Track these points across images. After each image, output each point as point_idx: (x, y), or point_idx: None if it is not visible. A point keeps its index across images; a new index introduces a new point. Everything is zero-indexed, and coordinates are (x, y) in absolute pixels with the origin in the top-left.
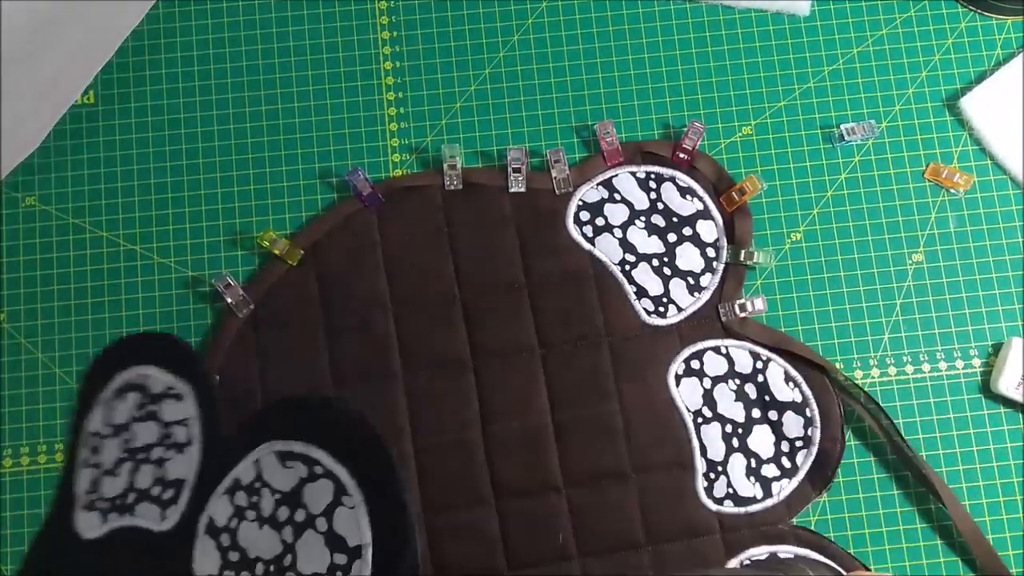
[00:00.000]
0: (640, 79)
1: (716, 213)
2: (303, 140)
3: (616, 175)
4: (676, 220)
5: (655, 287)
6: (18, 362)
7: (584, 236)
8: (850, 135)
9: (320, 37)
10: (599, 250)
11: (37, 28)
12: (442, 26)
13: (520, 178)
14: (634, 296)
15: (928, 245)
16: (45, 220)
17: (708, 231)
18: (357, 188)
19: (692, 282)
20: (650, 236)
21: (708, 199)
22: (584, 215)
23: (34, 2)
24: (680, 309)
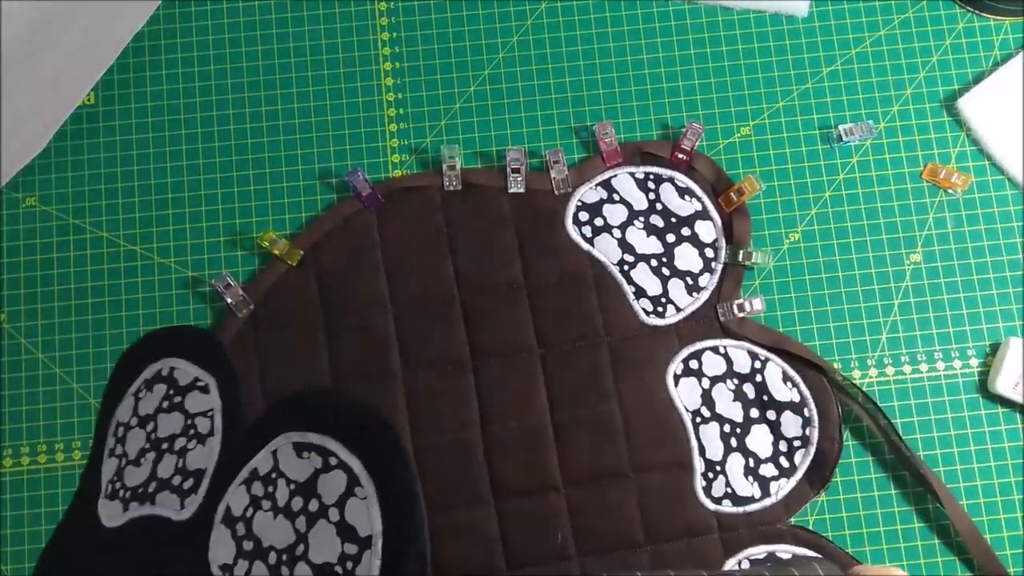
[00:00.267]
0: (639, 80)
1: (715, 213)
2: (303, 141)
3: (615, 176)
4: (675, 220)
5: (654, 287)
6: (18, 362)
7: (583, 236)
8: (848, 136)
9: (320, 38)
10: (598, 250)
11: (37, 29)
12: (442, 27)
13: (519, 179)
14: (633, 296)
15: (926, 245)
16: (45, 220)
17: (707, 231)
18: (357, 189)
19: (691, 282)
20: (649, 236)
21: (707, 199)
22: (583, 215)
23: (35, 2)
24: (679, 309)
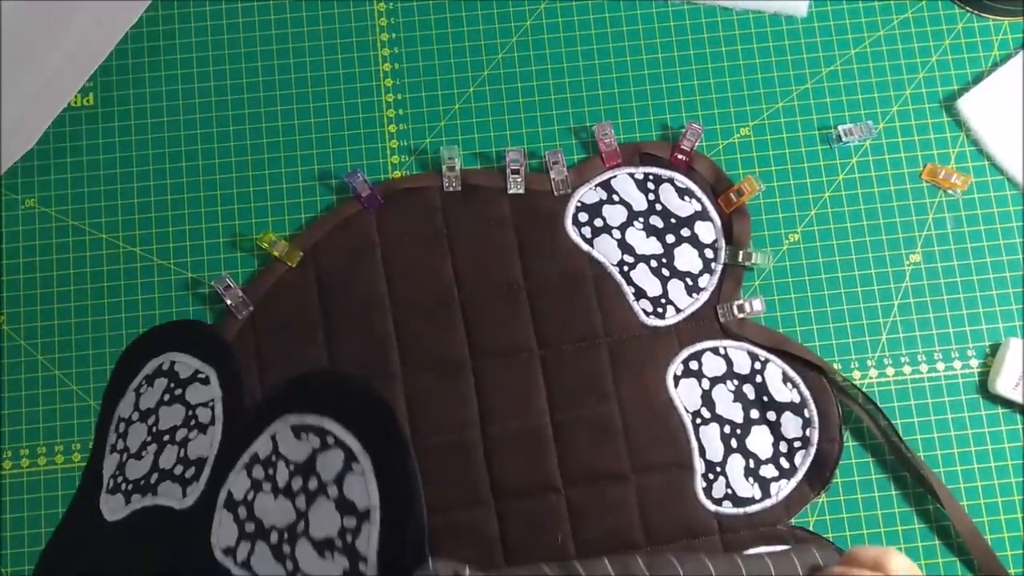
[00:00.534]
0: (638, 80)
1: (714, 214)
2: (302, 142)
3: (614, 176)
4: (674, 221)
5: (654, 288)
6: (18, 364)
7: (583, 237)
8: (848, 136)
9: (319, 39)
10: (598, 251)
11: (30, 26)
12: (441, 28)
13: (519, 179)
14: (633, 297)
15: (926, 246)
16: (45, 222)
17: (706, 232)
18: (356, 190)
19: (690, 283)
20: (648, 237)
21: (706, 200)
22: (583, 216)
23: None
24: (679, 310)
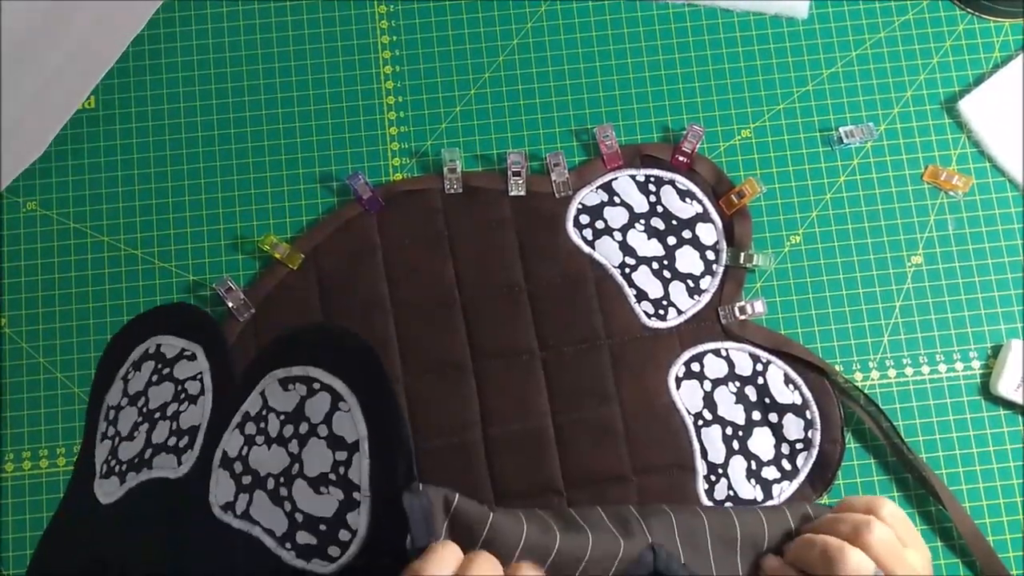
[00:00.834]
0: (639, 82)
1: (715, 216)
2: (303, 144)
3: (615, 178)
4: (676, 223)
5: (655, 290)
6: (19, 367)
7: (584, 239)
8: (849, 138)
9: (320, 42)
10: (599, 253)
11: (36, 31)
12: (441, 30)
13: (520, 181)
14: (634, 299)
15: (927, 247)
16: (46, 225)
17: (707, 234)
18: (357, 192)
19: (692, 285)
20: (650, 239)
21: (707, 202)
22: (584, 218)
23: (33, 2)
24: (680, 312)
